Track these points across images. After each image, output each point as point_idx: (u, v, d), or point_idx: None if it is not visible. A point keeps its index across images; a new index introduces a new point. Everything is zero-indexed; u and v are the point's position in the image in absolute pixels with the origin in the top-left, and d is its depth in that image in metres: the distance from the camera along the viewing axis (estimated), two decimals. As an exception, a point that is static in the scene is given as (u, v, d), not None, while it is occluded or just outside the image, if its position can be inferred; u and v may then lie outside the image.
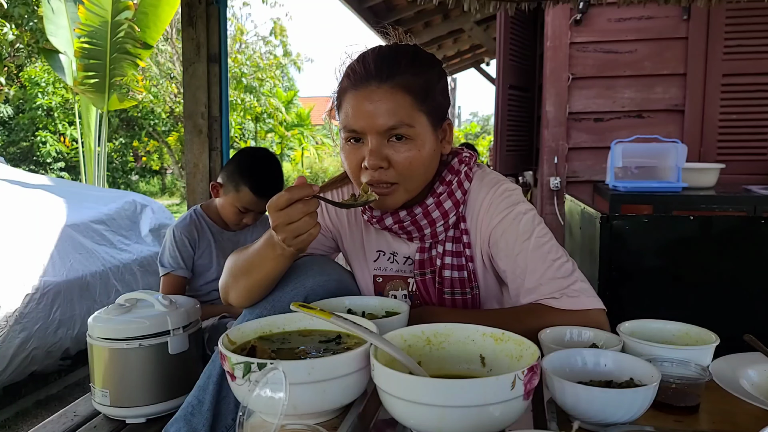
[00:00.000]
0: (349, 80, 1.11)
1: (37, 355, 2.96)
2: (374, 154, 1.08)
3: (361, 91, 1.09)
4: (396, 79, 1.08)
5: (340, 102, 1.14)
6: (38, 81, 11.96)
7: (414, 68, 1.10)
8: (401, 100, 1.08)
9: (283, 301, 1.12)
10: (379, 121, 1.07)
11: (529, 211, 1.18)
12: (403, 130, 1.08)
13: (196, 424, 1.11)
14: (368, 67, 1.10)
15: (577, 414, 0.79)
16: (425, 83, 1.11)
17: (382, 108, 1.07)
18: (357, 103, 1.09)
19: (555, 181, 3.81)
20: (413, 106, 1.09)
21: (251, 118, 14.62)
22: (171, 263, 1.97)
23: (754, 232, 2.08)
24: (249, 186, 1.94)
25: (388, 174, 1.10)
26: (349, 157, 1.13)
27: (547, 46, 3.77)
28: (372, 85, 1.08)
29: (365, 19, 5.02)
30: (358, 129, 1.09)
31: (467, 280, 1.21)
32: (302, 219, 0.97)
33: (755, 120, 3.55)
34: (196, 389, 1.14)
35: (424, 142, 1.11)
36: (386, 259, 1.29)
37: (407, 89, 1.08)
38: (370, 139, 1.09)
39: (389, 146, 1.09)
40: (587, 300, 1.11)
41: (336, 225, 1.33)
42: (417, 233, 1.21)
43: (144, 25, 6.13)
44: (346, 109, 1.11)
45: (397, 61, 1.10)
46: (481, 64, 8.40)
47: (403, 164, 1.10)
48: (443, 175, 1.20)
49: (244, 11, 39.38)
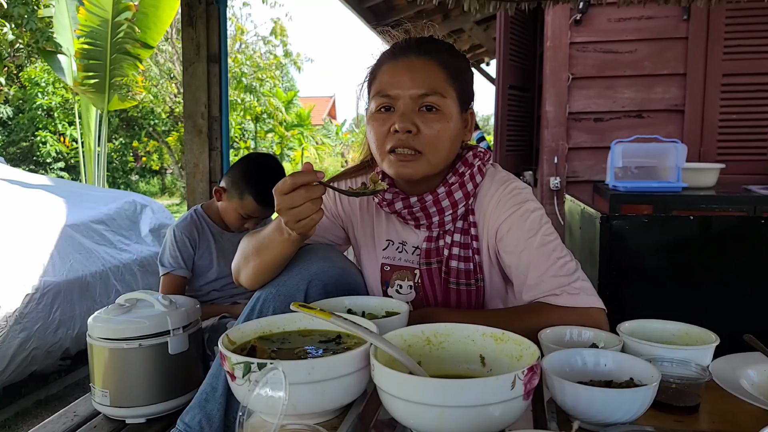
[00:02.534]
0: (389, 53, 1.20)
1: (37, 355, 2.96)
2: (405, 116, 1.12)
3: (400, 60, 1.16)
4: (433, 54, 1.16)
5: (374, 76, 1.20)
6: (38, 81, 11.95)
7: (449, 51, 1.20)
8: (437, 72, 1.15)
9: (288, 285, 1.15)
10: (414, 87, 1.13)
11: (537, 209, 1.20)
12: (435, 98, 1.13)
13: (211, 409, 1.13)
14: (410, 41, 1.19)
15: (577, 414, 0.79)
16: (457, 66, 1.19)
17: (418, 76, 1.13)
18: (395, 70, 1.16)
19: (555, 181, 3.81)
20: (447, 80, 1.15)
21: (251, 118, 14.62)
22: (171, 263, 1.97)
23: (754, 232, 2.08)
24: (253, 195, 1.94)
25: (415, 140, 1.13)
26: (377, 126, 1.16)
27: (547, 46, 3.77)
28: (411, 56, 1.16)
29: (365, 19, 5.01)
30: (392, 94, 1.14)
31: (473, 272, 1.22)
32: (304, 204, 0.99)
33: (755, 120, 3.55)
34: (209, 377, 1.17)
35: (452, 117, 1.16)
36: (395, 249, 1.31)
37: (443, 64, 1.16)
38: (401, 104, 1.13)
39: (419, 114, 1.13)
40: (587, 298, 1.11)
41: (348, 213, 1.35)
42: (425, 221, 1.23)
43: (144, 25, 6.12)
44: (381, 77, 1.17)
45: (435, 41, 1.21)
46: (481, 64, 8.39)
47: (431, 134, 1.13)
48: (456, 167, 1.23)
49: (244, 11, 39.25)
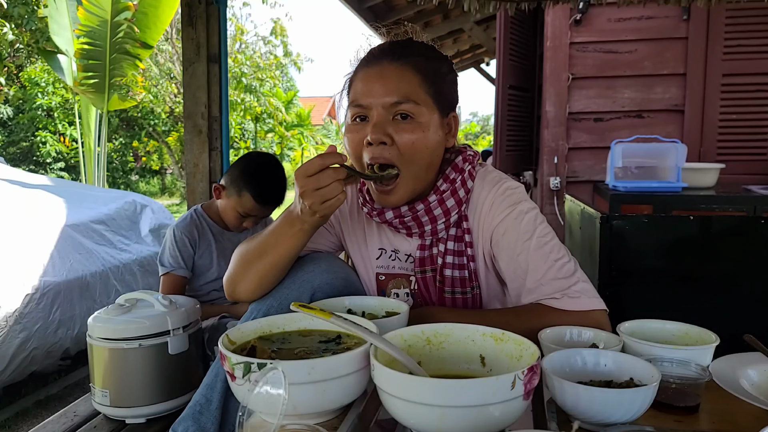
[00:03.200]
0: (364, 60, 1.16)
1: (37, 355, 2.96)
2: (377, 127, 1.08)
3: (372, 67, 1.13)
4: (408, 59, 1.11)
5: (350, 85, 1.17)
6: (38, 81, 11.96)
7: (425, 54, 1.15)
8: (410, 78, 1.10)
9: (290, 297, 1.12)
10: (386, 95, 1.09)
11: (531, 210, 1.18)
12: (409, 106, 1.09)
13: (205, 422, 1.11)
14: (383, 47, 1.15)
15: (577, 414, 0.79)
16: (435, 69, 1.14)
17: (390, 83, 1.09)
18: (367, 78, 1.12)
19: (555, 181, 3.81)
20: (421, 86, 1.11)
21: (251, 118, 14.62)
22: (171, 263, 1.97)
23: (754, 232, 2.08)
24: (251, 192, 1.94)
25: (389, 151, 1.09)
26: (352, 136, 1.13)
27: (547, 46, 3.77)
28: (384, 62, 1.12)
29: (365, 19, 5.01)
30: (365, 103, 1.10)
31: (468, 280, 1.20)
32: (332, 184, 0.98)
33: (755, 120, 3.55)
34: (203, 387, 1.14)
35: (429, 126, 1.11)
36: (388, 257, 1.28)
37: (417, 69, 1.11)
38: (375, 114, 1.09)
39: (393, 123, 1.10)
40: (588, 301, 1.10)
41: (338, 220, 1.33)
42: (417, 229, 1.20)
43: (144, 25, 6.12)
44: (355, 86, 1.14)
45: (410, 45, 1.16)
46: (481, 64, 8.39)
47: (406, 144, 1.09)
48: (447, 173, 1.19)
49: (244, 11, 39.36)
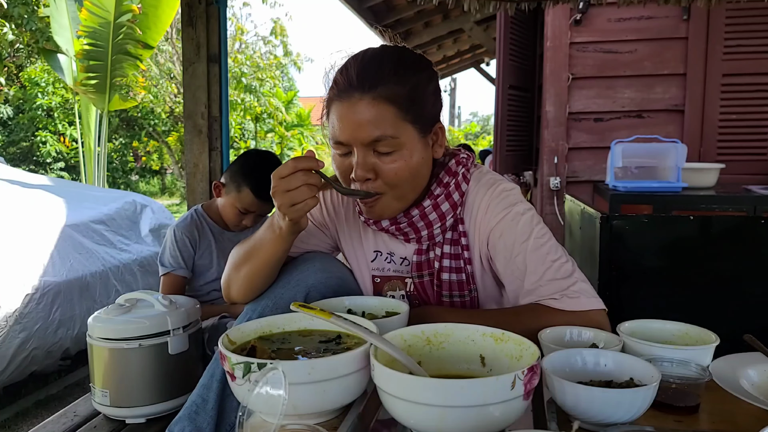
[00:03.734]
0: (334, 90, 1.10)
1: (37, 355, 2.96)
2: (361, 166, 1.08)
3: (344, 101, 1.07)
4: (378, 89, 1.05)
5: (328, 111, 1.13)
6: (38, 81, 11.94)
7: (398, 76, 1.07)
8: (384, 112, 1.05)
9: (285, 297, 1.12)
10: (363, 134, 1.06)
11: (527, 211, 1.17)
12: (387, 141, 1.07)
13: (201, 422, 1.11)
14: (351, 77, 1.07)
15: (577, 414, 0.79)
16: (411, 91, 1.08)
17: (365, 120, 1.05)
18: (341, 114, 1.07)
19: (555, 181, 3.81)
20: (397, 117, 1.06)
21: (251, 118, 14.62)
22: (171, 263, 1.97)
23: (754, 232, 2.08)
24: (250, 187, 1.94)
25: (375, 185, 1.10)
26: (338, 167, 1.13)
27: (547, 46, 3.77)
28: (354, 96, 1.05)
29: (365, 19, 5.02)
30: (344, 141, 1.08)
31: (465, 283, 1.20)
32: (301, 188, 0.98)
33: (755, 120, 3.55)
34: (199, 387, 1.14)
35: (412, 152, 1.10)
36: (384, 260, 1.28)
37: (390, 100, 1.05)
38: (356, 150, 1.08)
39: (376, 156, 1.08)
40: (587, 301, 1.10)
41: (334, 222, 1.33)
42: (414, 234, 1.21)
43: (145, 26, 6.13)
44: (332, 119, 1.10)
45: (380, 69, 1.07)
46: (481, 64, 8.40)
47: (390, 175, 1.09)
48: (440, 177, 1.19)
49: (244, 11, 39.33)
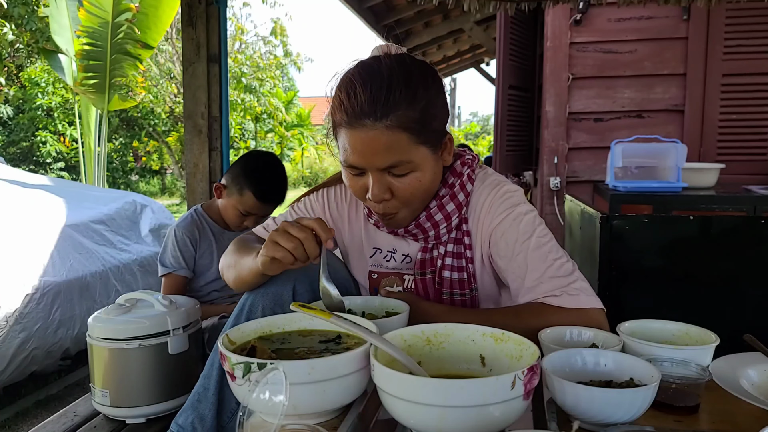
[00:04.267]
0: (342, 114, 1.06)
1: (37, 355, 2.96)
2: (377, 187, 1.09)
3: (356, 129, 1.04)
4: (390, 116, 1.02)
5: (335, 131, 1.11)
6: (38, 81, 11.95)
7: (408, 98, 1.04)
8: (398, 139, 1.04)
9: (277, 282, 1.14)
10: (378, 161, 1.06)
11: (530, 212, 1.19)
12: (402, 166, 1.08)
13: (203, 410, 1.13)
14: (361, 104, 1.03)
15: (577, 414, 0.79)
16: (422, 112, 1.05)
17: (380, 147, 1.04)
18: (353, 141, 1.05)
19: (555, 181, 3.81)
20: (410, 141, 1.05)
21: (251, 118, 14.62)
22: (172, 263, 1.97)
23: (754, 232, 2.08)
24: (252, 190, 1.94)
25: (390, 204, 1.13)
26: (352, 186, 1.14)
27: (547, 46, 3.76)
28: (367, 124, 1.03)
29: (365, 19, 5.02)
30: (358, 165, 1.09)
31: (466, 282, 1.21)
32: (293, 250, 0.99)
33: (755, 120, 3.54)
34: (201, 378, 1.17)
35: (426, 170, 1.11)
36: (383, 257, 1.30)
37: (403, 127, 1.03)
38: (370, 174, 1.09)
39: (390, 176, 1.10)
40: (587, 299, 1.11)
41: (336, 220, 1.35)
42: (422, 235, 1.23)
43: (144, 26, 6.12)
44: (343, 143, 1.08)
45: (390, 95, 1.03)
46: (481, 64, 8.40)
47: (405, 194, 1.11)
48: (446, 178, 1.21)
49: (244, 11, 39.36)
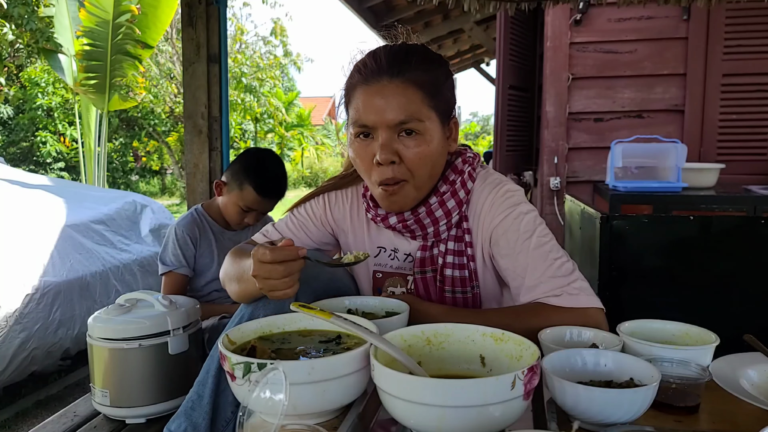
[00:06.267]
0: (360, 75, 1.12)
1: (37, 355, 2.96)
2: (385, 148, 1.10)
3: (372, 85, 1.10)
4: (407, 74, 1.09)
5: (349, 98, 1.15)
6: (38, 81, 11.95)
7: (424, 65, 1.12)
8: (412, 96, 1.09)
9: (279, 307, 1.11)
10: (390, 116, 1.09)
11: (530, 211, 1.19)
12: (414, 124, 1.10)
13: (197, 418, 1.12)
14: (380, 62, 1.11)
15: (577, 414, 0.79)
16: (435, 80, 1.13)
17: (394, 102, 1.08)
18: (368, 97, 1.10)
19: (555, 181, 3.81)
20: (423, 102, 1.10)
21: (251, 118, 14.62)
22: (173, 261, 1.97)
23: (754, 232, 2.08)
24: (253, 185, 1.95)
25: (399, 169, 1.12)
26: (360, 154, 1.14)
27: (547, 46, 3.76)
28: (383, 80, 1.09)
29: (365, 19, 5.02)
30: (369, 123, 1.10)
31: (468, 279, 1.22)
32: (281, 280, 0.98)
33: (755, 120, 3.54)
34: (195, 385, 1.15)
35: (433, 137, 1.13)
36: (387, 256, 1.30)
37: (418, 85, 1.10)
38: (380, 133, 1.10)
39: (399, 141, 1.11)
40: (587, 298, 1.11)
41: (338, 221, 1.34)
42: (420, 232, 1.23)
43: (144, 26, 6.13)
44: (356, 104, 1.12)
45: (408, 57, 1.12)
46: (481, 64, 8.39)
47: (413, 159, 1.11)
48: (446, 175, 1.22)
49: (244, 11, 39.30)
